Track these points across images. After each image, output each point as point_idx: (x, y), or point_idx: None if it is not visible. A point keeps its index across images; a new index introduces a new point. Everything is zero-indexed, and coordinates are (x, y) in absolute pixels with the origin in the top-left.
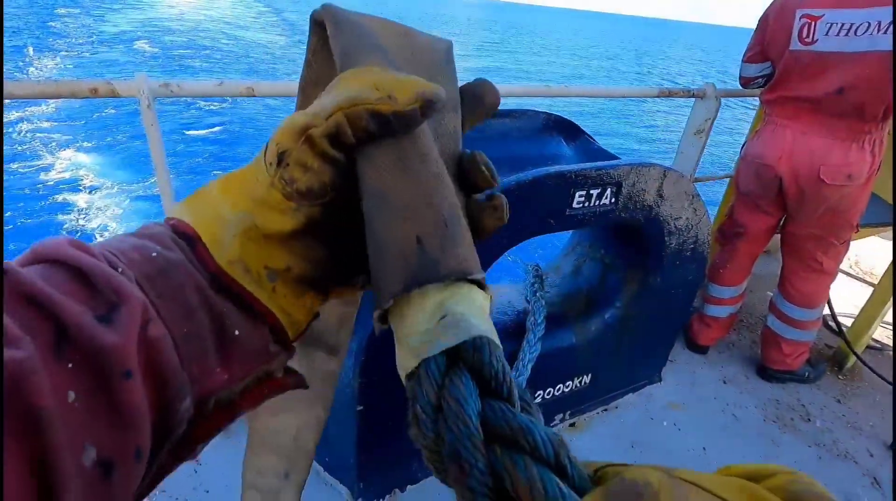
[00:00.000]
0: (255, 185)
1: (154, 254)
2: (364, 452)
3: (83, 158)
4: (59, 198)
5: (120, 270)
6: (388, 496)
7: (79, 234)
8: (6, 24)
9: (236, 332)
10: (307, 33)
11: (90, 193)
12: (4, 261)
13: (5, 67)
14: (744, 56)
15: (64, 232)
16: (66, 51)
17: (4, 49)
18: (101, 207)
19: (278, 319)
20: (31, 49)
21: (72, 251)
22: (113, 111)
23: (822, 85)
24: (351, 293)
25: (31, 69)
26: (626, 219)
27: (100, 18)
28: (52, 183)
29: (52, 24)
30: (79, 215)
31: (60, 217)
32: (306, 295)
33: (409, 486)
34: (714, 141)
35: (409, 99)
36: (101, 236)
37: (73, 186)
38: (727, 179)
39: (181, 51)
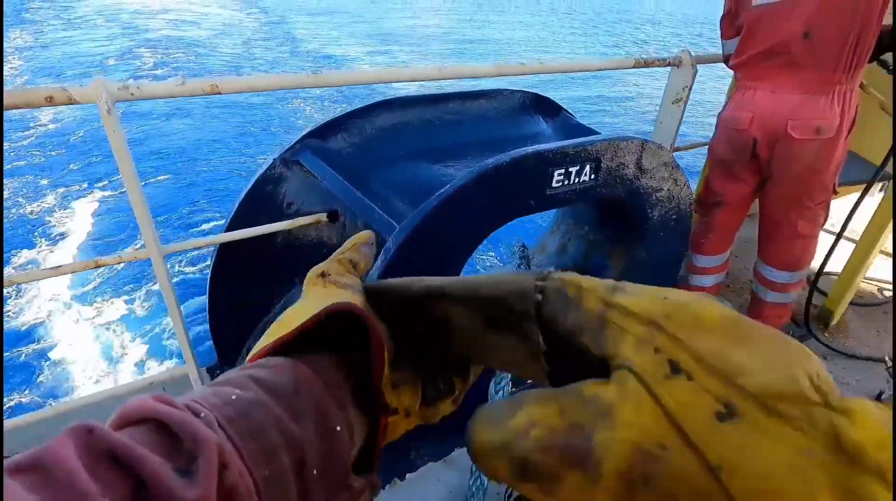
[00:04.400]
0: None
1: (234, 396)
2: None
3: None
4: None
5: (202, 414)
6: (387, 485)
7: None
8: None
9: (314, 471)
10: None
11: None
12: (95, 423)
13: None
14: (721, 33)
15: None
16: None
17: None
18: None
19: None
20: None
21: (155, 406)
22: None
23: (787, 32)
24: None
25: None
26: (607, 195)
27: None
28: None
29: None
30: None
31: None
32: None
33: (408, 474)
34: (698, 107)
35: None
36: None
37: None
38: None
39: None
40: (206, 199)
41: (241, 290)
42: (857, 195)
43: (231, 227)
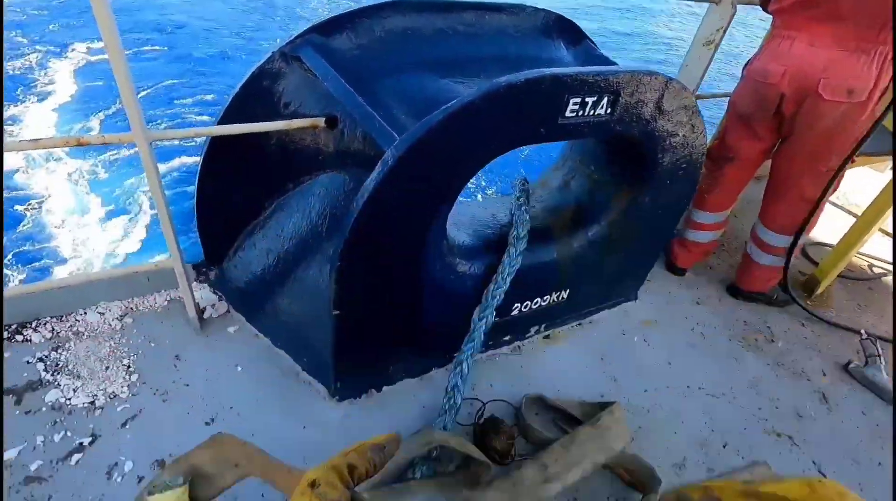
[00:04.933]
0: None
1: None
2: (341, 354)
3: None
4: None
5: None
6: (364, 395)
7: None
8: None
9: None
10: None
11: None
12: None
13: None
14: None
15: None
16: None
17: None
18: None
19: None
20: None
21: None
22: None
23: None
24: None
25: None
26: (620, 132)
27: None
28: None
29: None
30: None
31: None
32: None
33: (385, 387)
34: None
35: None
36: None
37: None
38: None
39: None
40: (197, 79)
41: (230, 189)
42: (869, 170)
43: (224, 121)
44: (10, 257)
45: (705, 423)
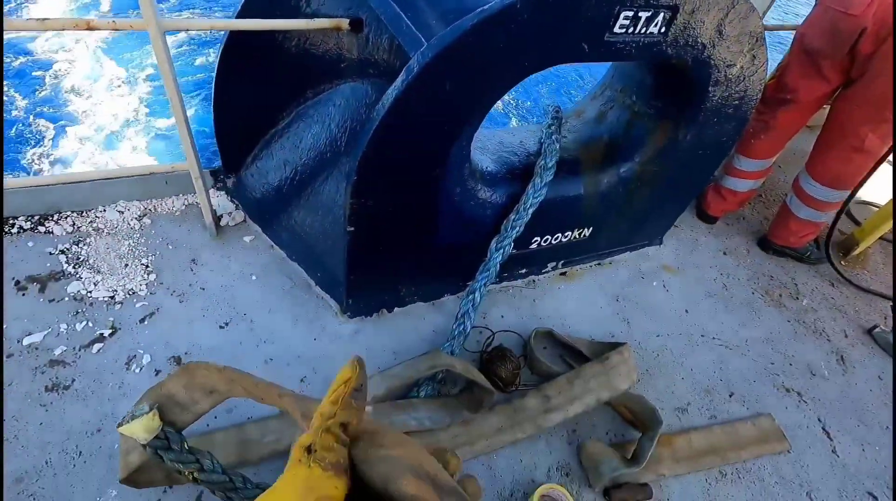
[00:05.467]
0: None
1: None
2: (354, 271)
3: None
4: None
5: None
6: (375, 313)
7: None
8: None
9: None
10: None
11: None
12: None
13: None
14: None
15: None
16: None
17: None
18: None
19: None
20: None
21: None
22: None
23: None
24: None
25: None
26: (671, 56)
27: None
28: None
29: None
30: None
31: None
32: None
33: (396, 308)
34: None
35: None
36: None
37: None
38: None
39: None
40: None
41: (248, 93)
42: None
43: (242, 15)
44: (31, 117)
45: (714, 372)
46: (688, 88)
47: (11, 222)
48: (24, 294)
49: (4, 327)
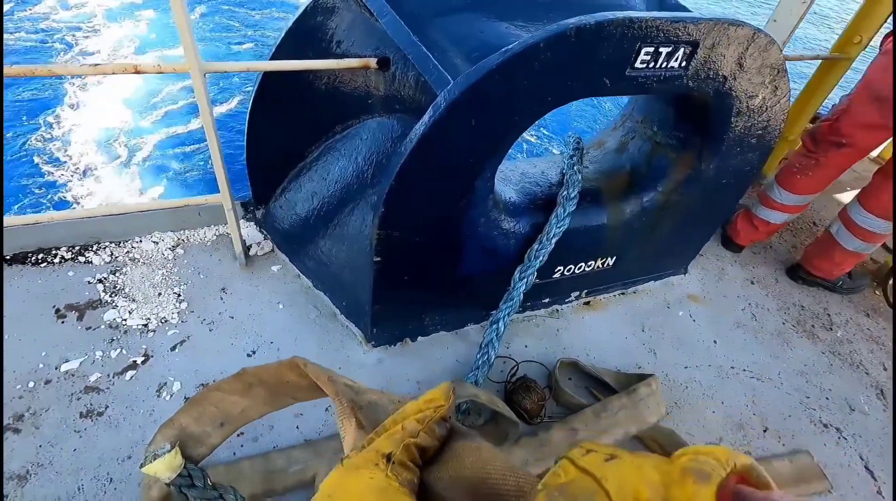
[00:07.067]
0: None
1: None
2: (379, 300)
3: None
4: None
5: None
6: (399, 343)
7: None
8: None
9: None
10: None
11: None
12: None
13: None
14: None
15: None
16: None
17: None
18: None
19: None
20: None
21: None
22: None
23: None
24: None
25: None
26: (692, 89)
27: None
28: None
29: None
30: None
31: None
32: None
33: (420, 337)
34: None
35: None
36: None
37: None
38: (819, 62)
39: None
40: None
41: (279, 128)
42: None
43: (276, 56)
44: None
45: (746, 406)
46: (710, 118)
47: (54, 252)
48: (63, 322)
49: (43, 354)
